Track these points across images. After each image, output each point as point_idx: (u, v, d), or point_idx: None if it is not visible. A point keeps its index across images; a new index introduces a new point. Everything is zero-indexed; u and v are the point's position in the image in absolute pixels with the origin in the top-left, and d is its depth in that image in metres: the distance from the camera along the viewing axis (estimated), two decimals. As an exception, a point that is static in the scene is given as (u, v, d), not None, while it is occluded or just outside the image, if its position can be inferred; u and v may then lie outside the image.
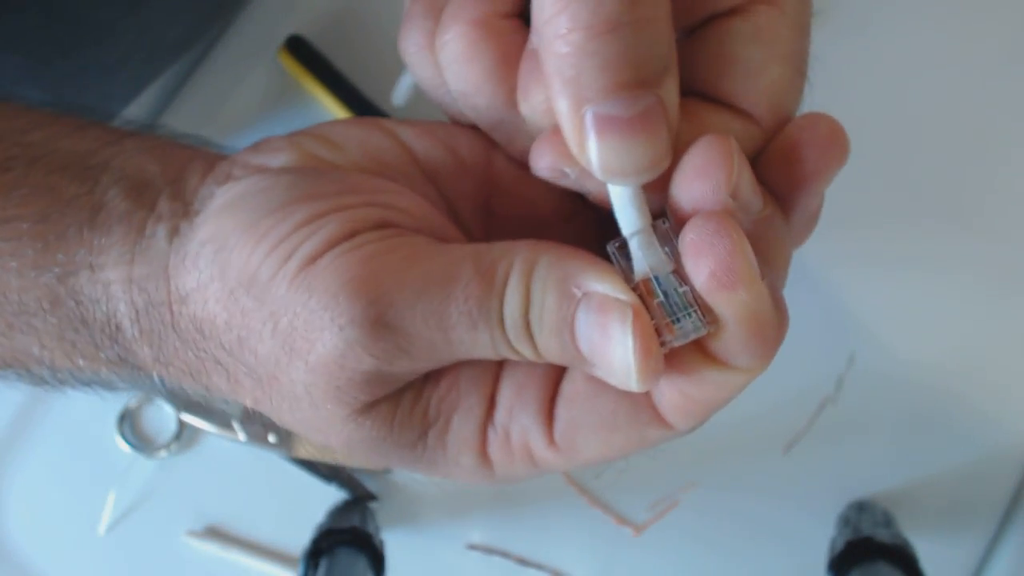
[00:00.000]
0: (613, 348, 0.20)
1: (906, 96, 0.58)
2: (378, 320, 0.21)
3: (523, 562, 0.53)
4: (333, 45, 0.54)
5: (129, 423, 0.54)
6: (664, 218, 0.22)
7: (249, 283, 0.22)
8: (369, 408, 0.22)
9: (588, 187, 0.22)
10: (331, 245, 0.21)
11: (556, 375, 0.23)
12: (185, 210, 0.23)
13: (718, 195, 0.20)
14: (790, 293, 0.24)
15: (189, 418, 0.53)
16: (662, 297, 0.21)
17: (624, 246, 0.22)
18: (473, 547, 0.53)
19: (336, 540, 0.47)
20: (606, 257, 0.22)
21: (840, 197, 0.57)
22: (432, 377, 0.23)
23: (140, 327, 0.23)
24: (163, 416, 0.54)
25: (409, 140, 0.25)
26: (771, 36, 0.22)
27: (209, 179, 0.24)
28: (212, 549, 0.52)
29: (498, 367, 0.23)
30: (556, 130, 0.21)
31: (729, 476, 0.53)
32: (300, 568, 0.46)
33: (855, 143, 0.25)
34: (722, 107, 0.22)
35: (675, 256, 0.21)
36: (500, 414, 0.23)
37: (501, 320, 0.21)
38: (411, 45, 0.24)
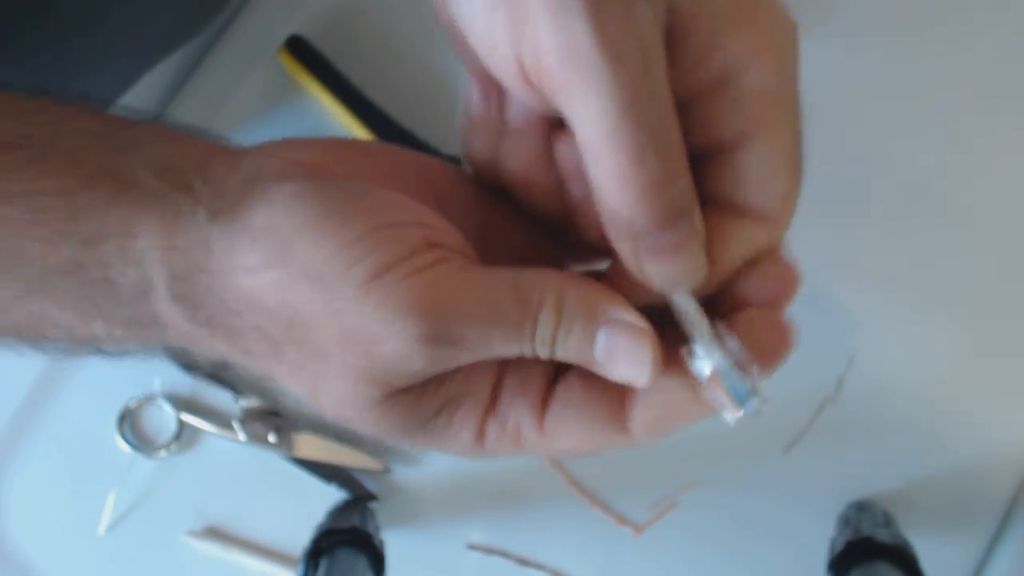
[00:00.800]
0: (630, 360, 0.26)
1: (908, 101, 0.58)
2: (438, 337, 0.25)
3: (523, 562, 0.53)
4: (333, 45, 0.54)
5: (129, 423, 0.54)
6: (719, 321, 0.27)
7: (313, 275, 0.25)
8: (401, 391, 0.26)
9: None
10: (396, 260, 0.25)
11: (552, 374, 0.28)
12: (222, 196, 0.26)
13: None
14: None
15: (189, 418, 0.53)
16: (729, 387, 0.26)
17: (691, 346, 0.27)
18: (473, 547, 0.53)
19: (336, 540, 0.47)
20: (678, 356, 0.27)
21: (840, 198, 0.57)
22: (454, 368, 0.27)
23: (176, 288, 0.26)
24: (163, 416, 0.54)
25: (428, 166, 0.30)
26: (775, 157, 0.27)
27: (240, 171, 0.27)
28: (212, 549, 0.52)
29: (505, 362, 0.28)
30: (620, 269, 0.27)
31: (729, 476, 0.53)
32: (300, 568, 0.46)
33: (859, 149, 0.27)
34: (741, 213, 0.28)
35: (735, 352, 0.27)
36: (503, 401, 0.28)
37: (532, 338, 0.26)
38: (474, 163, 0.30)
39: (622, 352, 0.26)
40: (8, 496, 0.53)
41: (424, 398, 0.27)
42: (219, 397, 0.54)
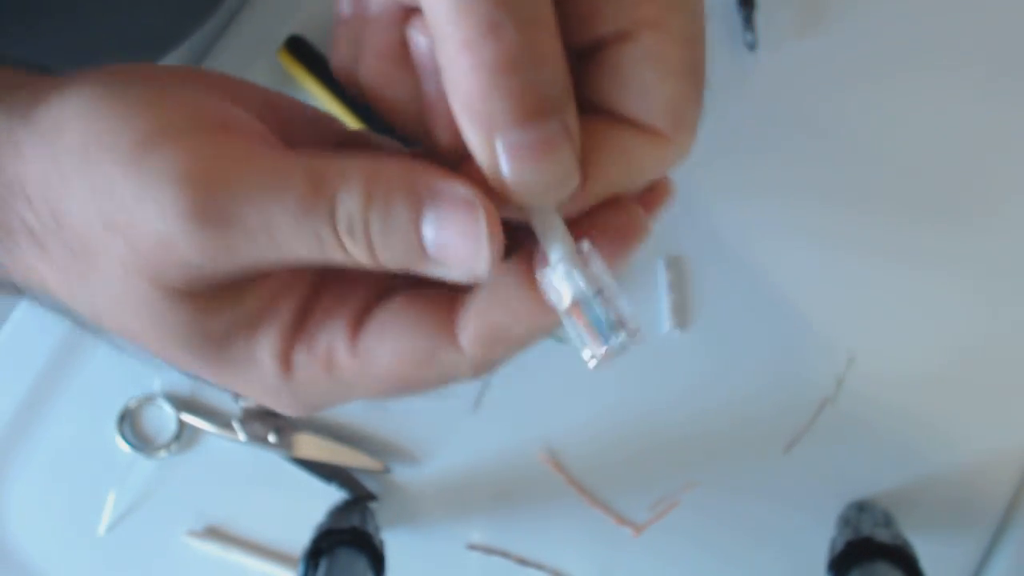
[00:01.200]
0: (465, 242, 0.22)
1: (905, 99, 0.58)
2: (206, 214, 0.21)
3: (523, 562, 0.53)
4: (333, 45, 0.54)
5: (129, 423, 0.54)
6: (585, 241, 0.23)
7: (77, 152, 0.22)
8: (185, 294, 0.23)
9: (515, 217, 0.24)
10: (170, 127, 0.22)
11: (375, 292, 0.24)
12: (20, 97, 0.24)
13: None
14: (790, 292, 0.25)
15: (189, 418, 0.53)
16: (591, 318, 0.23)
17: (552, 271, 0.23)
18: (473, 547, 0.53)
19: (336, 540, 0.47)
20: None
21: (841, 198, 0.57)
22: (256, 279, 0.24)
23: None
24: (163, 416, 0.54)
25: (284, 103, 0.26)
26: (660, 56, 0.23)
27: (55, 82, 0.24)
28: (212, 549, 0.52)
29: (320, 277, 0.24)
30: (474, 171, 0.23)
31: (729, 476, 0.53)
32: (300, 568, 0.46)
33: (856, 148, 0.26)
34: (625, 123, 0.24)
35: (599, 277, 0.23)
36: (313, 320, 0.24)
37: (332, 221, 0.21)
38: (339, 73, 0.26)
39: (454, 234, 0.22)
40: (8, 496, 0.53)
41: (216, 310, 0.23)
42: (219, 397, 0.54)
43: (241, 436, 0.52)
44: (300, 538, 0.48)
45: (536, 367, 0.54)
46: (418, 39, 0.23)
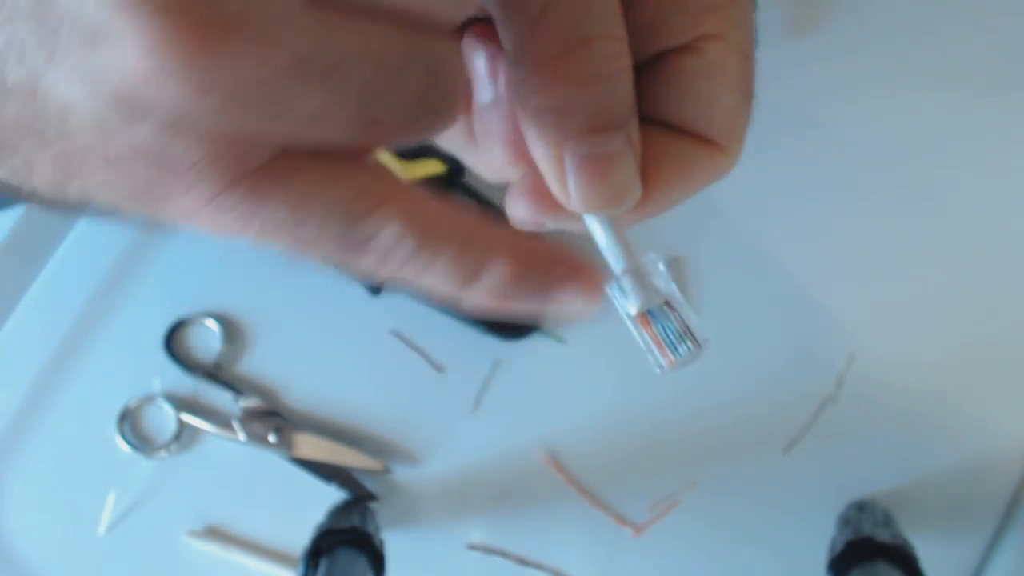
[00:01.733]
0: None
1: (906, 102, 0.58)
2: None
3: (523, 562, 0.53)
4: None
5: (129, 423, 0.54)
6: (651, 252, 0.24)
7: None
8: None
9: (570, 230, 0.24)
10: None
11: None
12: None
13: None
14: (790, 292, 0.26)
15: (189, 418, 0.53)
16: (658, 329, 0.23)
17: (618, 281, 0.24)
18: (473, 547, 0.53)
19: (336, 540, 0.47)
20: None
21: (841, 198, 0.57)
22: None
23: None
24: (163, 416, 0.54)
25: None
26: (721, 69, 0.24)
27: None
28: (212, 549, 0.52)
29: None
30: (531, 184, 0.23)
31: (729, 476, 0.53)
32: (300, 568, 0.46)
33: (856, 146, 0.26)
34: (683, 135, 0.24)
35: (665, 289, 0.24)
36: None
37: None
38: None
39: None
40: (8, 496, 0.53)
41: None
42: (219, 397, 0.54)
43: (241, 436, 0.52)
44: (300, 538, 0.48)
45: (536, 368, 0.54)
46: (476, 51, 0.23)
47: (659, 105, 0.24)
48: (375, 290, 0.54)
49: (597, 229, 0.23)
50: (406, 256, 0.20)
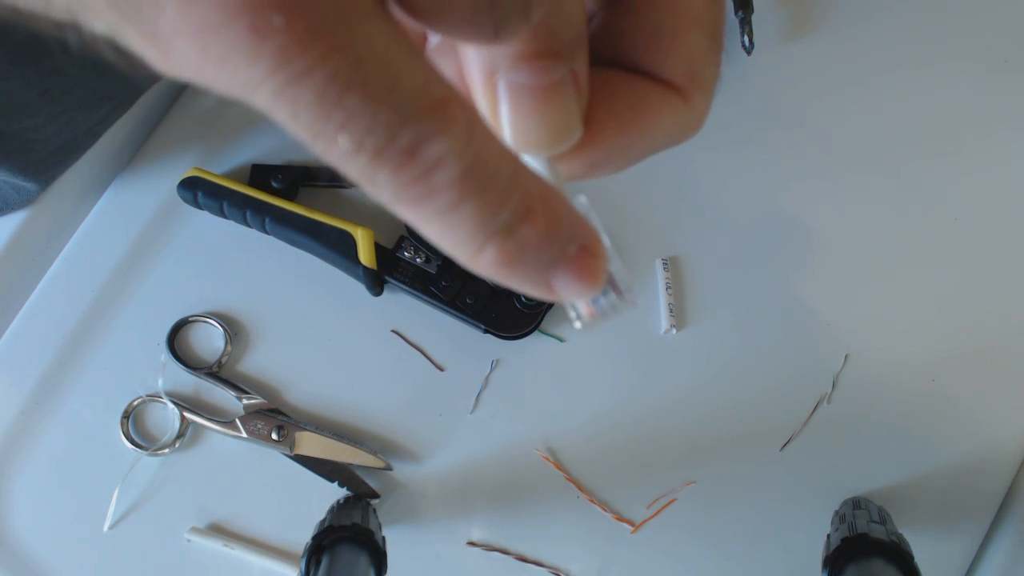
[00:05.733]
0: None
1: (905, 102, 0.58)
2: None
3: (522, 559, 0.53)
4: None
5: (133, 421, 0.54)
6: (582, 196, 0.22)
7: None
8: None
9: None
10: None
11: None
12: None
13: None
14: (786, 292, 0.25)
15: (192, 416, 0.53)
16: None
17: None
18: (473, 544, 0.53)
19: (337, 537, 0.47)
20: None
21: (838, 198, 0.57)
22: None
23: None
24: (166, 414, 0.54)
25: None
26: (684, 3, 0.21)
27: None
28: (215, 545, 0.52)
29: None
30: None
31: (726, 473, 0.53)
32: (301, 564, 0.47)
33: (855, 147, 0.25)
34: (640, 77, 0.22)
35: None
36: None
37: None
38: None
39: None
40: (14, 493, 0.53)
41: None
42: (221, 396, 0.54)
43: (243, 434, 0.53)
44: (302, 535, 0.49)
45: (536, 367, 0.55)
46: None
47: (616, 45, 0.22)
48: (376, 289, 0.55)
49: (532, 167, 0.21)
50: (446, 181, 0.17)
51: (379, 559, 0.47)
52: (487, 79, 0.20)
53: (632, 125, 0.21)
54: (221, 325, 0.55)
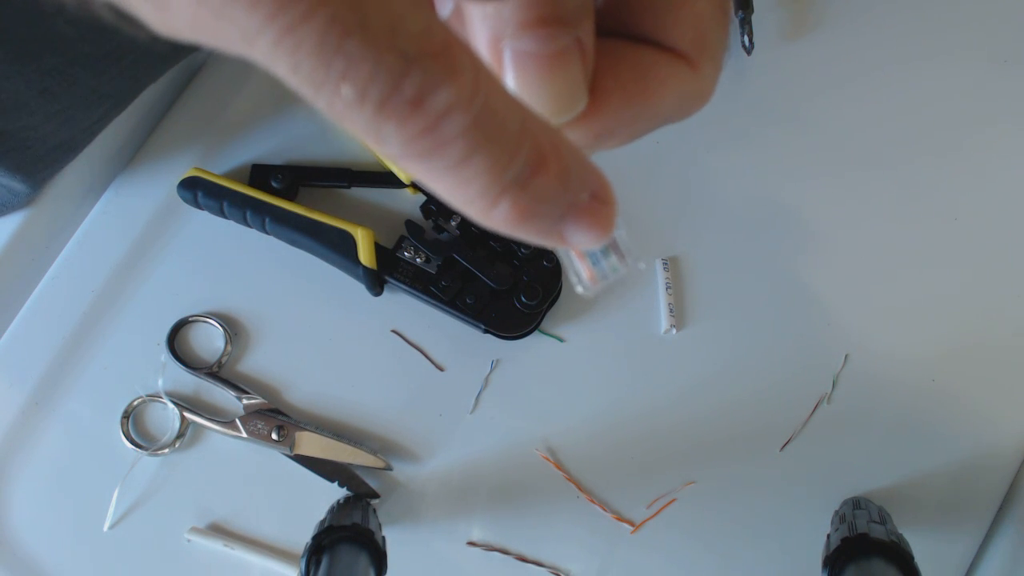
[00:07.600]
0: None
1: (904, 102, 0.58)
2: None
3: (522, 559, 0.53)
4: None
5: (133, 421, 0.54)
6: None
7: None
8: None
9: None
10: None
11: None
12: None
13: None
14: (786, 292, 0.25)
15: (192, 416, 0.53)
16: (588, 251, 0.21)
17: None
18: (473, 544, 0.53)
19: (337, 537, 0.47)
20: None
21: (838, 198, 0.57)
22: None
23: None
24: (166, 414, 0.54)
25: None
26: None
27: None
28: (215, 545, 0.52)
29: None
30: None
31: (726, 474, 0.53)
32: (302, 564, 0.47)
33: (849, 147, 0.25)
34: (647, 46, 0.21)
35: None
36: None
37: None
38: None
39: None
40: (14, 493, 0.53)
41: None
42: (222, 396, 0.54)
43: (244, 434, 0.53)
44: (302, 535, 0.49)
45: (536, 367, 0.55)
46: None
47: (620, 12, 0.21)
48: (376, 290, 0.55)
49: None
50: (455, 133, 0.16)
51: (379, 559, 0.47)
52: (493, 47, 0.19)
53: (639, 95, 0.21)
54: (221, 325, 0.55)
